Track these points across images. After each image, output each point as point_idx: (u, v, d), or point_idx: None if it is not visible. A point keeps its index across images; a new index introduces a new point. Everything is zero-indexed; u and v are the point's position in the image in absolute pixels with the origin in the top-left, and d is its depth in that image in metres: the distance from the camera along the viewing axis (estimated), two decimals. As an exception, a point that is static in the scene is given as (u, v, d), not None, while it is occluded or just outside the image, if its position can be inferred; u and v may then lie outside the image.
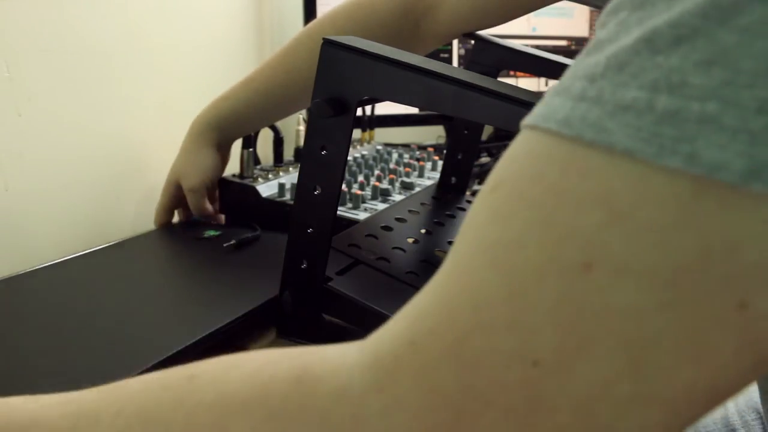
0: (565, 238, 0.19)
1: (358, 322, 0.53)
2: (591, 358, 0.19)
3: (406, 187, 0.82)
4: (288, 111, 0.77)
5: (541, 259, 0.20)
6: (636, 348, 0.19)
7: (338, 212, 0.59)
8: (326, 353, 0.25)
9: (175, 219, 0.82)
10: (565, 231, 0.19)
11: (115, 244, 0.71)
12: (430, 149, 1.06)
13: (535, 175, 0.21)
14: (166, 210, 0.80)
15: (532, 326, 0.20)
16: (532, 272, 0.20)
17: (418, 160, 0.96)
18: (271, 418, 0.23)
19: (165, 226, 0.80)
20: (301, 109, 0.78)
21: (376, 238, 0.63)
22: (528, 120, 0.22)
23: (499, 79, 0.62)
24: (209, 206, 0.79)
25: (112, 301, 0.57)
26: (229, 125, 0.77)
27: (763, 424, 0.56)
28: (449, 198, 0.78)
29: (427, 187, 0.82)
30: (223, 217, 0.82)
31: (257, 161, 0.89)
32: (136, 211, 0.88)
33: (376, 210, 0.73)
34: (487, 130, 1.29)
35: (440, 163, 0.85)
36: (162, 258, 0.73)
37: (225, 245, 0.69)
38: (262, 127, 0.83)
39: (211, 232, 0.73)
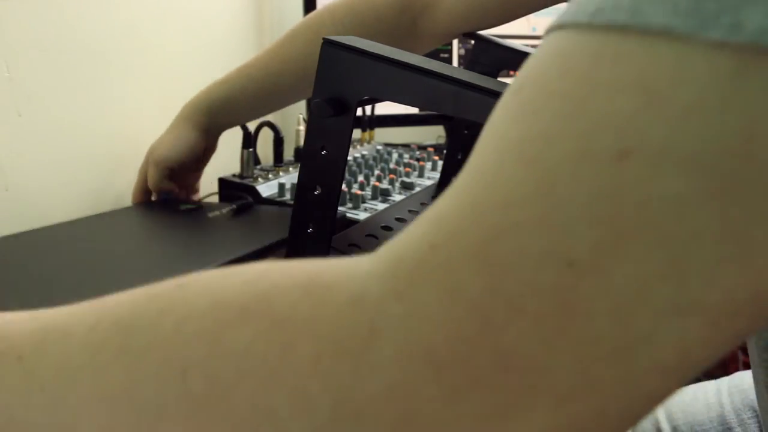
0: (598, 127, 0.18)
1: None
2: (629, 257, 0.17)
3: (406, 187, 0.82)
4: (281, 101, 0.76)
5: (574, 150, 0.18)
6: (676, 245, 0.17)
7: (338, 212, 0.59)
8: (336, 262, 0.22)
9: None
10: (599, 119, 0.18)
11: (92, 216, 0.71)
12: (430, 149, 1.06)
13: (563, 71, 0.19)
14: (141, 189, 0.79)
15: (565, 223, 0.18)
16: (564, 165, 0.18)
17: (418, 160, 0.96)
18: (275, 327, 0.21)
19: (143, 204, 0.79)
20: (294, 102, 0.77)
21: (376, 238, 0.63)
22: (554, 22, 0.21)
23: (499, 79, 0.62)
24: (167, 185, 0.77)
25: (108, 252, 0.58)
26: (220, 110, 0.76)
27: (759, 422, 0.56)
28: (449, 198, 0.78)
29: (427, 187, 0.82)
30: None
31: (257, 161, 0.89)
32: (136, 211, 0.88)
33: (376, 210, 0.74)
34: (487, 130, 1.29)
35: (440, 163, 0.85)
36: (150, 224, 0.73)
37: (225, 210, 0.69)
38: (253, 118, 0.81)
39: (189, 206, 0.73)
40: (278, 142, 0.90)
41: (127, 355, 0.23)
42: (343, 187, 0.73)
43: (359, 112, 1.04)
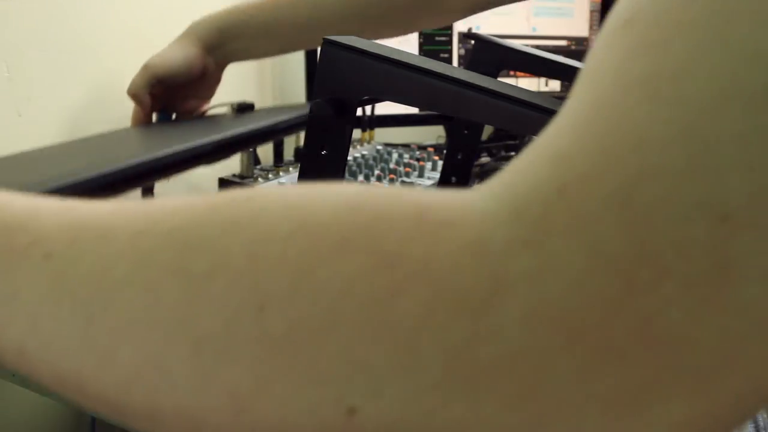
0: (746, 59, 0.16)
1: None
2: None
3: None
4: (293, 39, 0.75)
5: (719, 86, 0.16)
6: None
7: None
8: (443, 196, 0.19)
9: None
10: (742, 51, 0.16)
11: (87, 137, 0.69)
12: (430, 149, 1.06)
13: None
14: (138, 113, 0.75)
15: (717, 169, 0.15)
16: (709, 103, 0.16)
17: (418, 160, 0.96)
18: (382, 266, 0.17)
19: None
20: (305, 46, 0.77)
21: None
22: None
23: (499, 79, 0.62)
24: (145, 95, 0.72)
25: (111, 148, 0.58)
26: (234, 27, 0.73)
27: (755, 421, 0.55)
28: (449, 198, 0.78)
29: (427, 187, 0.82)
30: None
31: (257, 161, 0.89)
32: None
33: (376, 210, 0.74)
34: (487, 130, 1.29)
35: (440, 163, 0.85)
36: (150, 131, 0.71)
37: (225, 113, 0.69)
38: (263, 52, 0.78)
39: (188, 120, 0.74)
40: (278, 142, 0.90)
41: (186, 276, 0.19)
42: (343, 187, 0.73)
43: (359, 112, 1.04)
